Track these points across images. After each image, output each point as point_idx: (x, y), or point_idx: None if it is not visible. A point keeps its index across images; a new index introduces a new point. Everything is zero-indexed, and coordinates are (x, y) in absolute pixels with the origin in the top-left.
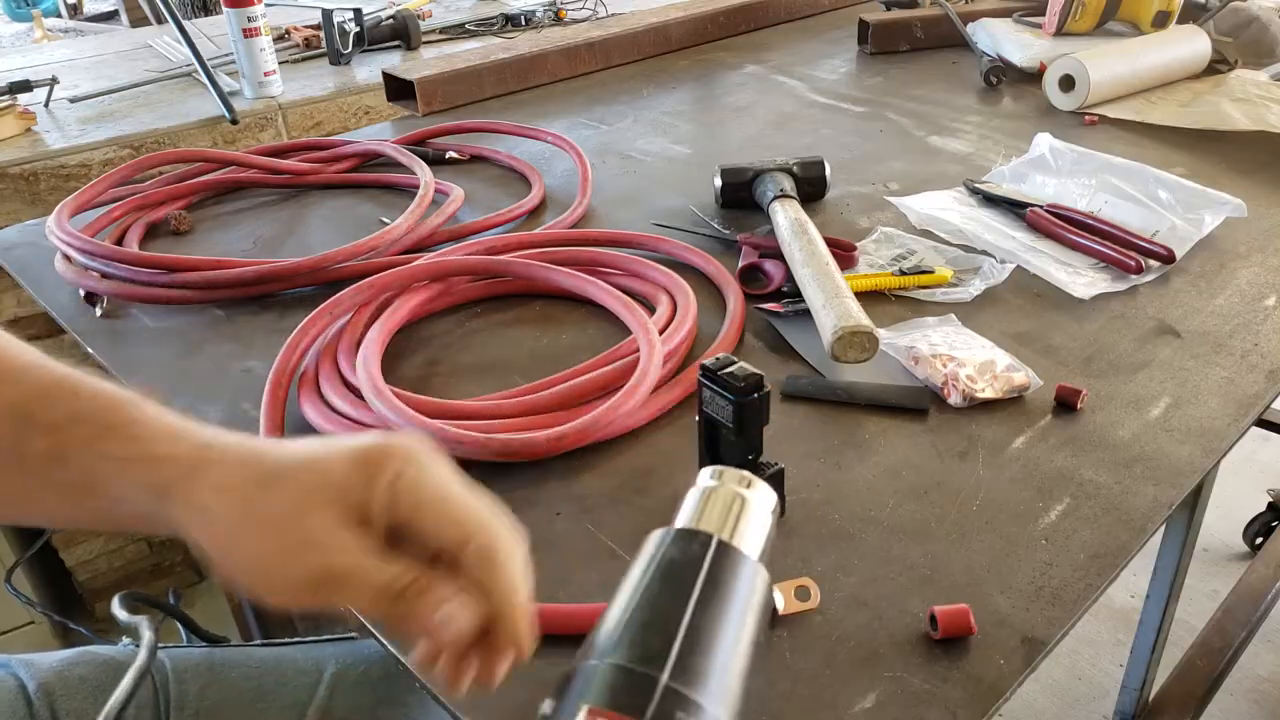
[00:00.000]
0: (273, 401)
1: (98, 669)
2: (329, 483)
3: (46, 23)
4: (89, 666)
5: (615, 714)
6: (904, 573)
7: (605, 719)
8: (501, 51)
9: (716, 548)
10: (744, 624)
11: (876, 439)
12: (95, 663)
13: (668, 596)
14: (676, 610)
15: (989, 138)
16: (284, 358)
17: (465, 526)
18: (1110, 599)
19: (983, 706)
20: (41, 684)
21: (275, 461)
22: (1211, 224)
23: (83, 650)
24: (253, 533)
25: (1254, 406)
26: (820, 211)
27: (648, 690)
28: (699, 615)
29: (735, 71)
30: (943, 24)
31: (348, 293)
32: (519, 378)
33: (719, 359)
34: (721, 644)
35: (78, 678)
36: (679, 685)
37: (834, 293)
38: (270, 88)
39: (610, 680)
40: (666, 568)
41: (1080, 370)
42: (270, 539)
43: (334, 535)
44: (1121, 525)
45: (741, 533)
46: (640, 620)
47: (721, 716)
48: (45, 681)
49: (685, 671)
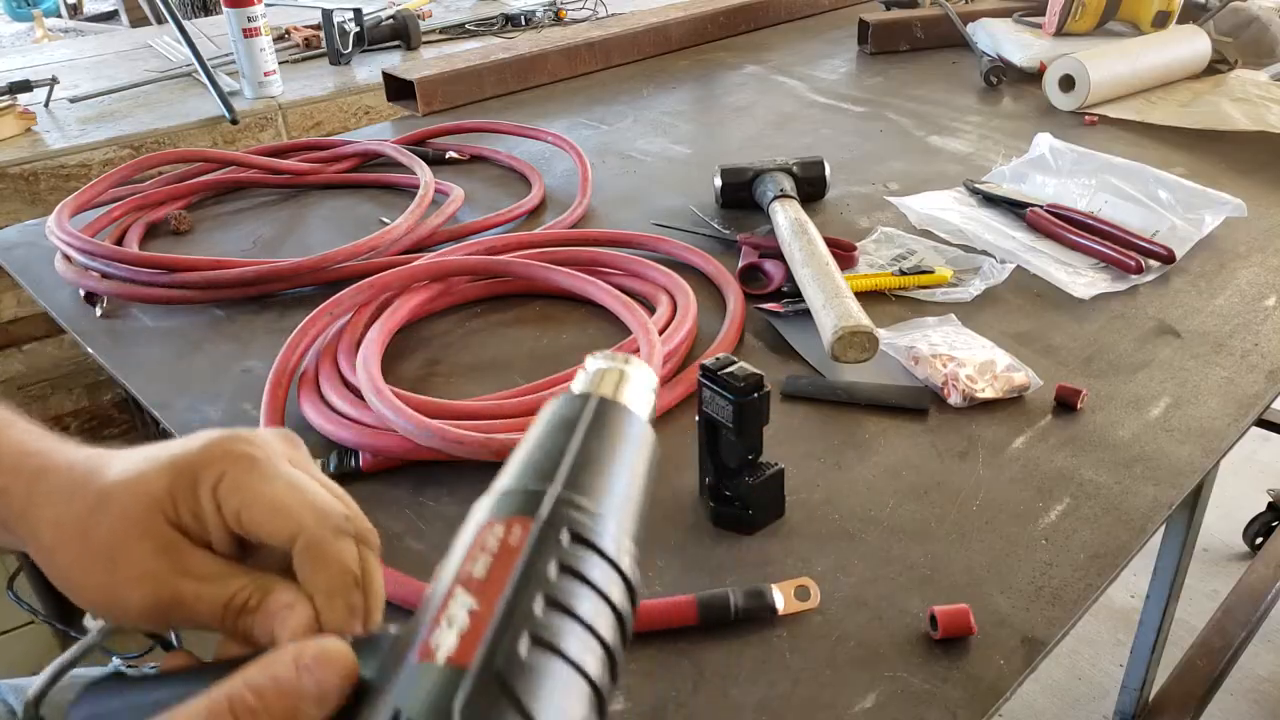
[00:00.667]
0: (272, 401)
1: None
2: (152, 501)
3: (47, 23)
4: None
5: (510, 518)
6: (904, 573)
7: (502, 525)
8: (501, 51)
9: (599, 402)
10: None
11: (876, 439)
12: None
13: (556, 436)
14: (564, 441)
15: (989, 138)
16: (284, 357)
17: (290, 520)
18: (1110, 599)
19: (983, 706)
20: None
21: (100, 486)
22: (1211, 224)
23: (76, 674)
24: (89, 567)
25: (1254, 406)
26: (820, 211)
27: (538, 499)
28: (587, 443)
29: (735, 71)
30: (943, 24)
31: (348, 292)
32: (519, 378)
33: (719, 359)
34: (610, 467)
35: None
36: (570, 493)
37: (834, 293)
38: (270, 88)
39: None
40: (555, 420)
41: (1080, 370)
42: (104, 573)
43: (164, 560)
44: (1121, 525)
45: (624, 395)
46: (531, 457)
47: (613, 524)
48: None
49: (575, 484)
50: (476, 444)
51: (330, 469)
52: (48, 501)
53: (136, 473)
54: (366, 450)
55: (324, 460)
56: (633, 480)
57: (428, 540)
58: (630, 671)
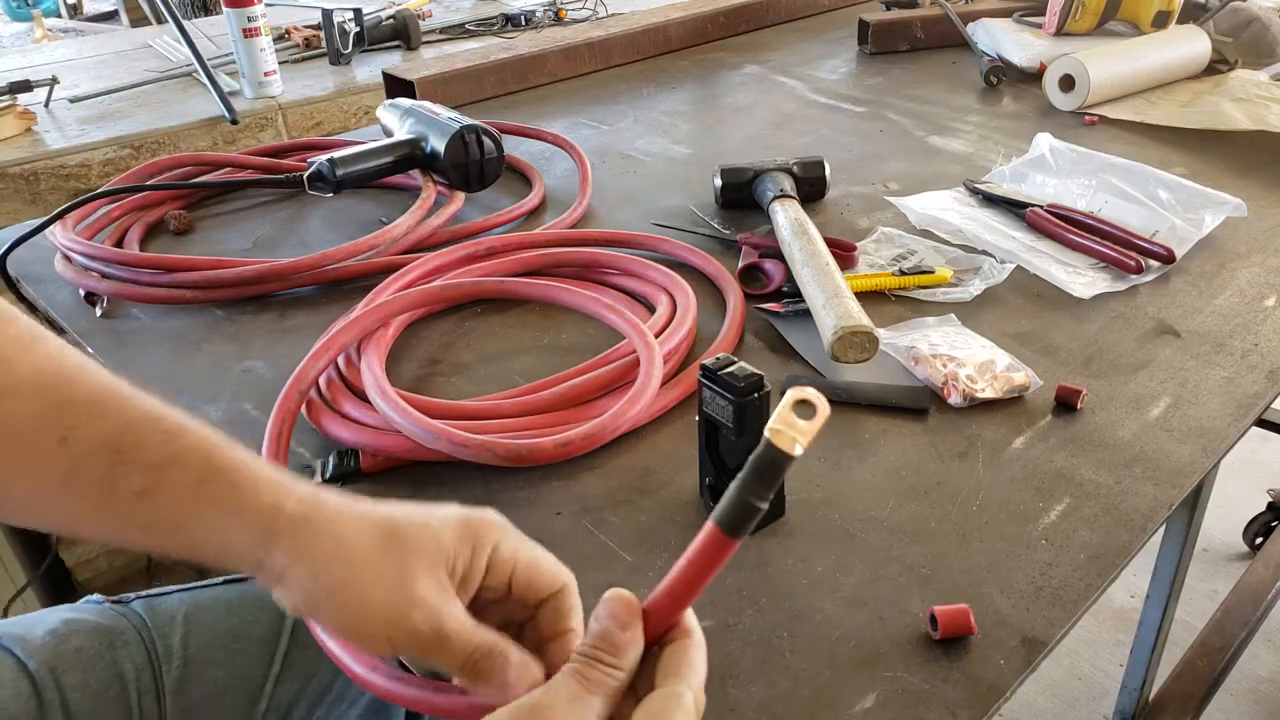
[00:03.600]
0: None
1: (90, 637)
2: (439, 547)
3: (46, 23)
4: (81, 636)
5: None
6: (904, 573)
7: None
8: (501, 51)
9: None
10: None
11: (876, 439)
12: (86, 631)
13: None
14: None
15: (989, 138)
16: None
17: (553, 583)
18: (1110, 599)
19: (983, 706)
20: (42, 662)
21: (389, 519)
22: (1211, 224)
23: (66, 618)
24: (365, 585)
25: (1254, 406)
26: (820, 211)
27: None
28: None
29: (735, 71)
30: (943, 24)
31: (341, 331)
32: (519, 378)
33: (719, 359)
34: None
35: (74, 649)
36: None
37: (834, 293)
38: (270, 88)
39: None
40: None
41: (1080, 370)
42: (381, 593)
43: (440, 598)
44: (1121, 525)
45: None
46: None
47: None
48: (45, 659)
49: None
50: (480, 446)
51: (330, 469)
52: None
53: (424, 520)
54: (368, 450)
55: (324, 460)
56: None
57: None
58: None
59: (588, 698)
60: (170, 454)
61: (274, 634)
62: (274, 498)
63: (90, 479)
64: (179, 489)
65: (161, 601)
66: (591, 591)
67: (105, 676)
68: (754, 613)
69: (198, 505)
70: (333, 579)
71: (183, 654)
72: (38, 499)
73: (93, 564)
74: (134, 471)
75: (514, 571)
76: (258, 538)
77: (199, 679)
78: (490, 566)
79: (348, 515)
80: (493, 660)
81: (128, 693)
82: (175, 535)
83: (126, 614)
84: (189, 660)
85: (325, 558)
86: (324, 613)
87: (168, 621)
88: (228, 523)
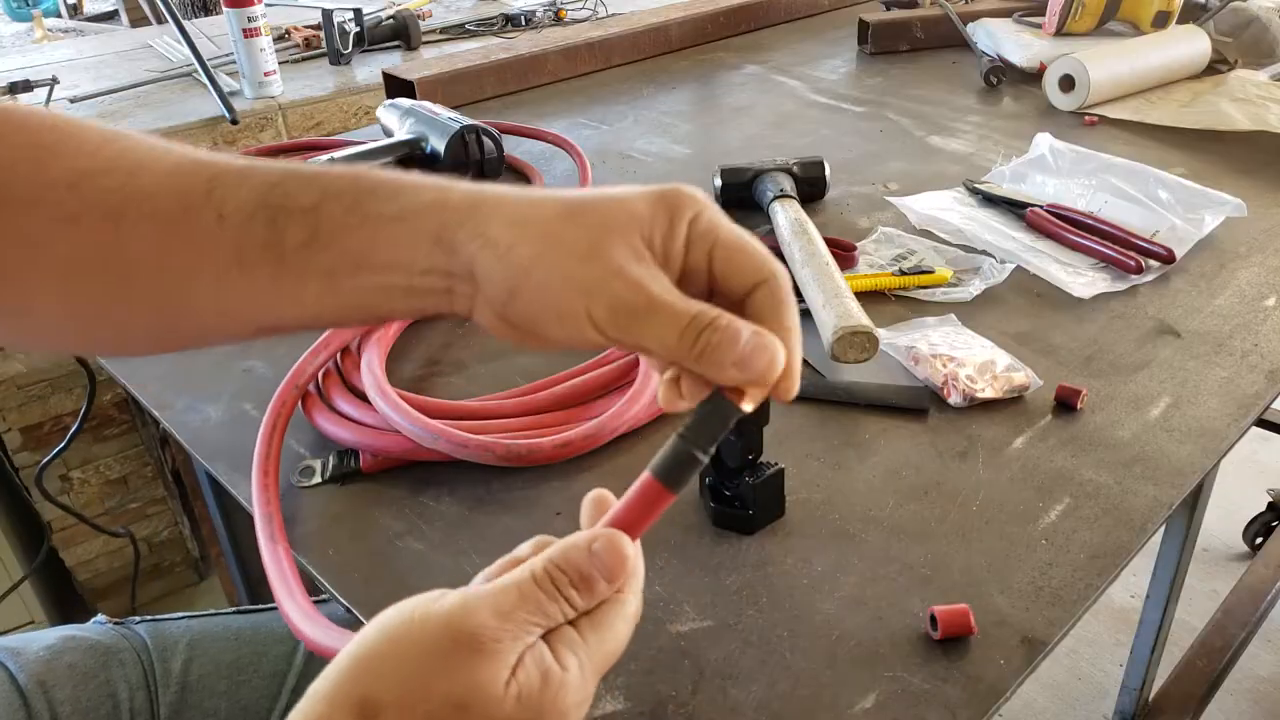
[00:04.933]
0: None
1: (85, 654)
2: (631, 216)
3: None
4: (76, 653)
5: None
6: (904, 573)
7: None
8: (501, 51)
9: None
10: None
11: (876, 439)
12: (81, 648)
13: None
14: None
15: (989, 138)
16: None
17: (761, 267)
18: (1110, 599)
19: (983, 706)
20: (32, 675)
21: (569, 197)
22: (1211, 224)
23: (65, 635)
24: (555, 263)
25: (1254, 406)
26: (820, 211)
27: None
28: None
29: (735, 71)
30: (943, 24)
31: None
32: (519, 378)
33: None
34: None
35: (66, 665)
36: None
37: (834, 293)
38: (270, 88)
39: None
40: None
41: (1080, 370)
42: (575, 264)
43: (641, 266)
44: (1121, 525)
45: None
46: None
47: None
48: (36, 673)
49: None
50: (480, 447)
51: (330, 469)
52: (504, 207)
53: (613, 193)
54: (367, 451)
55: (323, 460)
56: None
57: (428, 540)
58: (630, 671)
59: (531, 623)
60: (319, 191)
61: (283, 669)
62: (437, 194)
63: (257, 246)
64: (339, 219)
65: (166, 625)
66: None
67: (97, 695)
68: (754, 613)
69: (363, 227)
70: (520, 257)
71: (182, 680)
72: (221, 293)
73: (92, 564)
74: (293, 221)
75: (714, 249)
76: (433, 235)
77: (197, 707)
78: (690, 241)
79: (521, 197)
80: (718, 327)
81: (119, 712)
82: (354, 276)
83: (128, 635)
84: (187, 687)
85: (508, 239)
86: (520, 299)
87: (170, 646)
88: (398, 233)
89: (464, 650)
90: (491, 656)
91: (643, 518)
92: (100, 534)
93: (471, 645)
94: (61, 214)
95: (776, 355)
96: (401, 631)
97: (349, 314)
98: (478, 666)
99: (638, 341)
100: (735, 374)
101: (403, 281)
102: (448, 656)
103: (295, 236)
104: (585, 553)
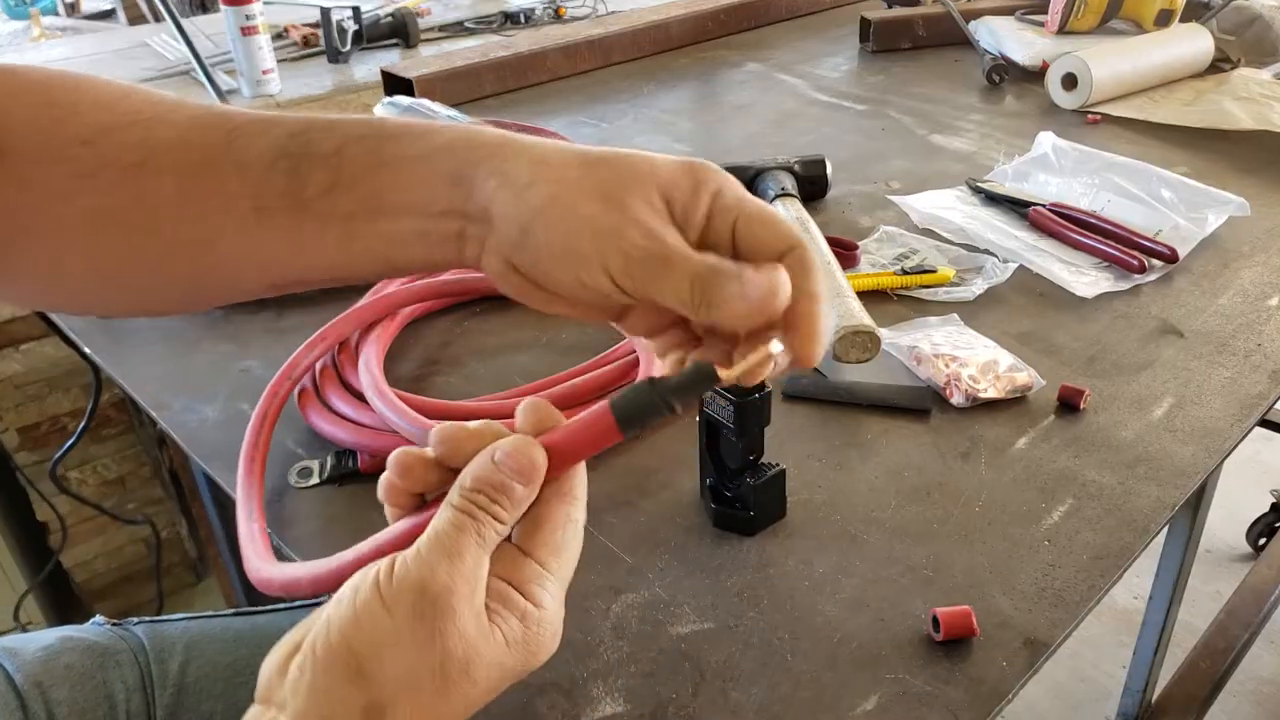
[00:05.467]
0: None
1: (82, 655)
2: (654, 173)
3: (44, 21)
4: (73, 654)
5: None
6: (906, 574)
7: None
8: (501, 49)
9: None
10: None
11: (878, 439)
12: (79, 649)
13: None
14: None
15: (991, 136)
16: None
17: (787, 236)
18: (1113, 600)
19: (985, 708)
20: (29, 676)
21: (594, 149)
22: (1215, 223)
23: (62, 636)
24: (573, 204)
25: (1257, 407)
26: (822, 210)
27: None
28: None
29: (736, 69)
30: (945, 22)
31: (337, 323)
32: (518, 377)
33: None
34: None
35: (63, 666)
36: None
37: (836, 292)
38: (268, 86)
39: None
40: None
41: (1083, 370)
42: (592, 207)
43: (657, 219)
44: (1124, 526)
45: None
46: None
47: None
48: (33, 674)
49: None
50: None
51: (328, 470)
52: (528, 149)
53: (641, 153)
54: (365, 451)
55: (321, 461)
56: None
57: None
58: (630, 673)
59: (479, 553)
60: (339, 137)
61: None
62: (461, 134)
63: (276, 194)
64: (360, 161)
65: (165, 627)
66: (592, 593)
67: (94, 695)
68: (755, 614)
69: (383, 169)
70: (537, 195)
71: (178, 681)
72: (241, 243)
73: (90, 565)
74: (313, 167)
75: (739, 221)
76: (452, 174)
77: (193, 709)
78: (713, 213)
79: (545, 144)
80: (726, 276)
81: (116, 713)
82: (376, 221)
83: (125, 636)
84: (184, 688)
85: (527, 177)
86: (532, 240)
87: (167, 647)
88: (417, 172)
89: (444, 614)
90: (464, 602)
91: (584, 447)
92: (100, 534)
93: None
94: (82, 169)
95: (779, 284)
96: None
97: (365, 264)
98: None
99: (648, 292)
100: (739, 305)
101: (418, 226)
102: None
103: (317, 182)
104: (491, 466)
